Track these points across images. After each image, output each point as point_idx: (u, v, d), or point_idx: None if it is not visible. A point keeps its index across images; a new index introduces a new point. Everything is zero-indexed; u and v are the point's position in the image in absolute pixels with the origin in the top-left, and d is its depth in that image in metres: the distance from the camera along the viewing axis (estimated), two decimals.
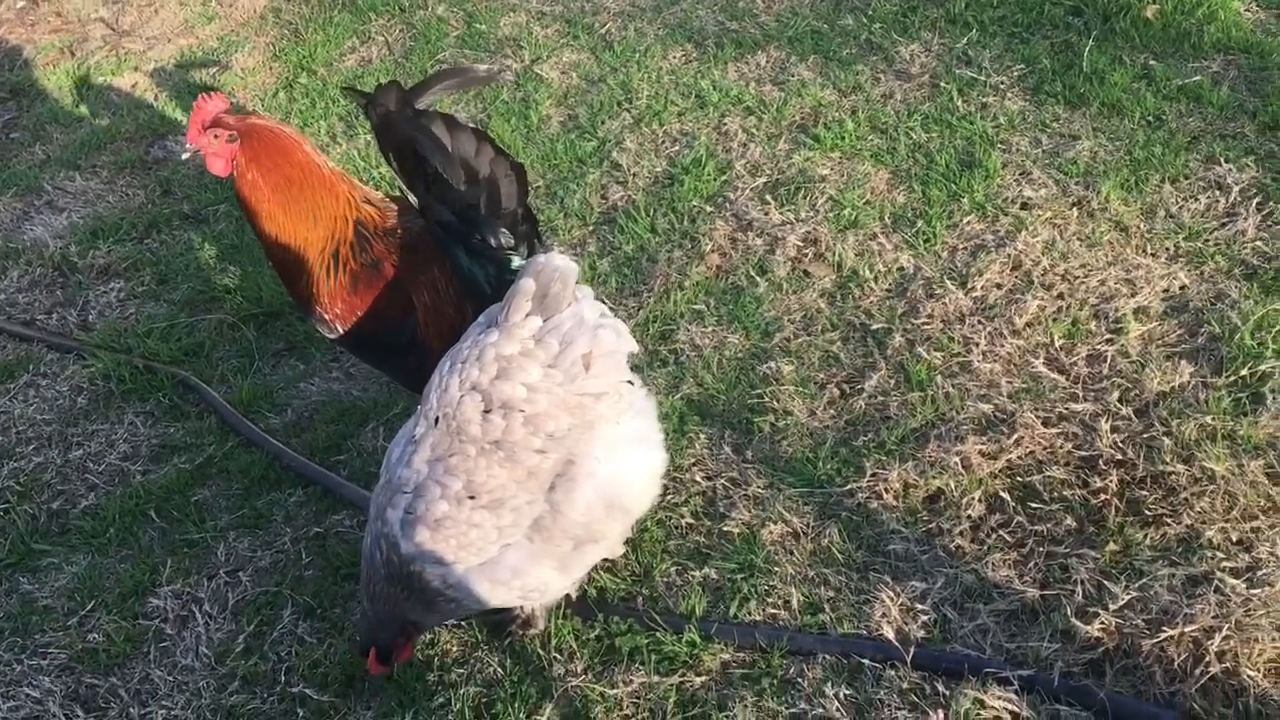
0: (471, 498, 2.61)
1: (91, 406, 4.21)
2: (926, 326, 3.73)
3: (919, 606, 2.93)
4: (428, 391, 2.71)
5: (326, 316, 3.32)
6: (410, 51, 6.11)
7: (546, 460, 2.64)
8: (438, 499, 2.62)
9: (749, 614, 3.01)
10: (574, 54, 5.77)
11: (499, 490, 2.63)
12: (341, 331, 3.34)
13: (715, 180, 4.59)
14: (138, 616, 3.36)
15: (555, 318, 2.63)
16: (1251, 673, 2.60)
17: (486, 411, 2.61)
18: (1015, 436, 3.27)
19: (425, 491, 2.63)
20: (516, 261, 3.20)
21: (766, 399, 3.60)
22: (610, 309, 2.78)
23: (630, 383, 2.74)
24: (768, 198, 4.43)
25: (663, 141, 4.94)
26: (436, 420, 2.65)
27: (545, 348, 2.60)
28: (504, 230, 3.16)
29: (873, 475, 3.28)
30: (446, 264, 3.26)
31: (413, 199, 3.33)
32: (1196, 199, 3.97)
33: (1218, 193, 3.97)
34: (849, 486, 3.27)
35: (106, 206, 5.44)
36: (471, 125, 3.08)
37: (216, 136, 3.22)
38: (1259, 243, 3.73)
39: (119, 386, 4.25)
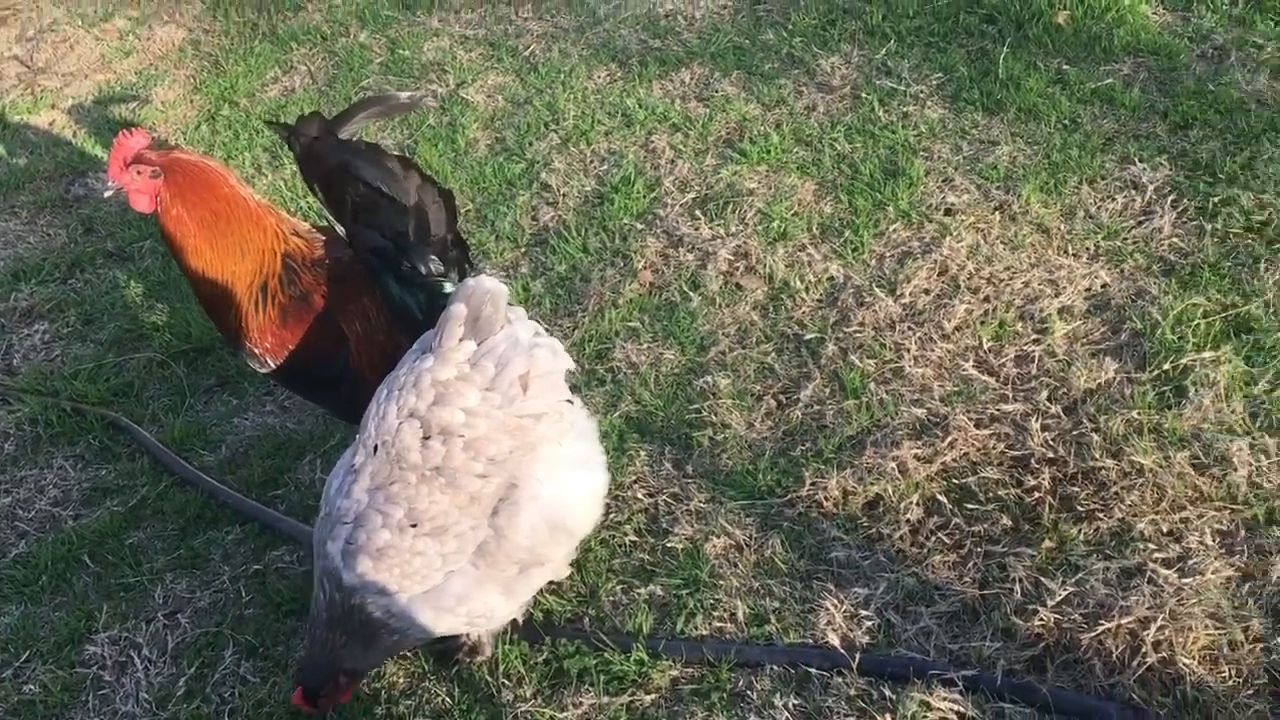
0: (414, 525, 2.59)
1: (19, 452, 4.12)
2: (858, 334, 3.77)
3: (863, 612, 2.96)
4: (365, 420, 2.69)
5: (257, 351, 3.28)
6: (334, 80, 6.08)
7: (489, 484, 2.63)
8: (379, 528, 2.59)
9: (696, 629, 3.02)
10: (499, 77, 5.78)
11: (441, 517, 2.61)
12: (273, 366, 3.30)
13: (645, 197, 4.62)
14: (75, 665, 3.28)
15: (489, 340, 2.62)
16: (1187, 660, 2.65)
17: (426, 438, 2.59)
18: (949, 439, 3.32)
19: (366, 521, 2.61)
20: (448, 288, 3.18)
21: (704, 413, 3.62)
22: (545, 329, 2.78)
23: (570, 402, 2.74)
24: (697, 213, 4.46)
25: (591, 161, 4.96)
26: (375, 449, 2.63)
27: (481, 371, 2.60)
28: (434, 257, 3.15)
29: (812, 484, 3.31)
30: (377, 293, 3.24)
31: (340, 229, 3.31)
32: (1114, 199, 4.06)
33: (1134, 192, 4.07)
34: (789, 496, 3.30)
35: (27, 247, 5.34)
36: (397, 153, 3.08)
37: (139, 173, 3.18)
38: (1175, 239, 3.82)
39: (47, 430, 4.17)
